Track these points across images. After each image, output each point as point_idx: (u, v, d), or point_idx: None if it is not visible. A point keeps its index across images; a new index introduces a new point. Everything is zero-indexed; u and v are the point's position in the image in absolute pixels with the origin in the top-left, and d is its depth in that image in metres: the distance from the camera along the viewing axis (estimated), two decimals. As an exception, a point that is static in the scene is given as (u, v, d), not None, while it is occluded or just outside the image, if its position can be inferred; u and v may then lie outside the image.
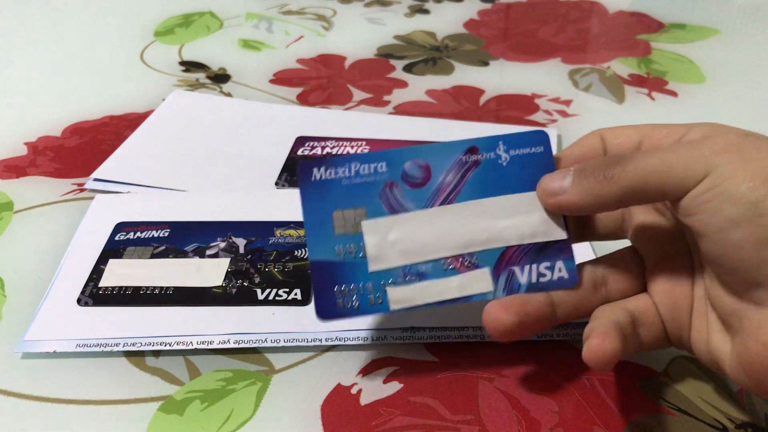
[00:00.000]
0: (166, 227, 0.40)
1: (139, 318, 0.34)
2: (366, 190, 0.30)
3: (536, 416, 0.30)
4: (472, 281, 0.30)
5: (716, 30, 0.70)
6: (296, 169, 0.36)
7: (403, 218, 0.30)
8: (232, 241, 0.39)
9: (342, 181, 0.30)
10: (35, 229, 0.41)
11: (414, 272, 0.29)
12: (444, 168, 0.30)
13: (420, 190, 0.30)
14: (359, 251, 0.29)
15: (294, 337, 0.33)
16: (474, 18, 0.74)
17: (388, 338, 0.33)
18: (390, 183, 0.30)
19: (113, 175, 0.45)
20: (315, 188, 0.30)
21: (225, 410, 0.30)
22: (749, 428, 0.29)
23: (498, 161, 0.30)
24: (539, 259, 0.30)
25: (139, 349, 0.32)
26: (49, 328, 0.33)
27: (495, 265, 0.30)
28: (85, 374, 0.32)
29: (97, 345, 0.32)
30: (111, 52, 0.65)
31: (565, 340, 0.33)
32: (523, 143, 0.30)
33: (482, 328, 0.33)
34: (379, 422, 0.29)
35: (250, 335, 0.33)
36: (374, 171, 0.30)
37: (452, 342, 0.33)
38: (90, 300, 0.35)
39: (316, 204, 0.30)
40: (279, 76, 0.60)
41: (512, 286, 0.30)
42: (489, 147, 0.30)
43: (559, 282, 0.29)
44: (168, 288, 0.35)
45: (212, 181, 0.45)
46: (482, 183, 0.30)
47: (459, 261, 0.30)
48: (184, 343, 0.32)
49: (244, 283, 0.36)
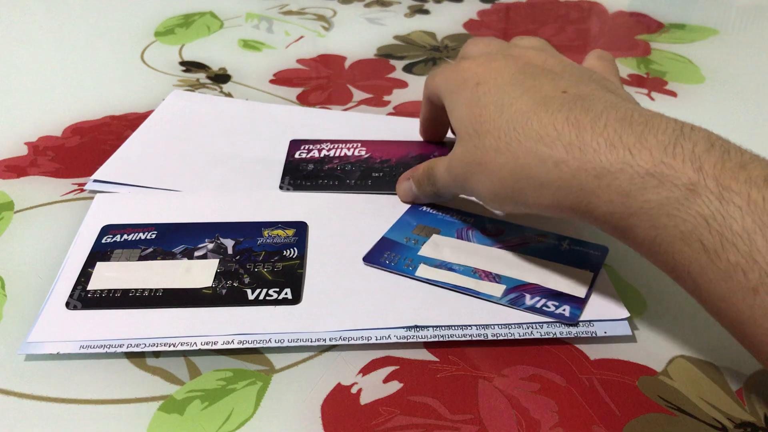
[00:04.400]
0: (153, 229, 0.39)
1: (141, 319, 0.33)
2: (448, 224, 0.40)
3: (536, 416, 0.30)
4: (487, 286, 0.35)
5: (716, 30, 0.70)
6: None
7: (462, 243, 0.39)
8: (220, 242, 0.38)
9: (437, 216, 0.41)
10: (36, 228, 0.41)
11: (447, 266, 0.37)
12: (517, 234, 0.39)
13: (490, 237, 0.39)
14: (419, 244, 0.39)
15: (298, 337, 0.33)
16: (474, 18, 0.74)
17: (392, 337, 0.33)
18: (469, 228, 0.40)
19: (113, 176, 0.45)
20: (416, 210, 0.42)
21: (225, 410, 0.30)
22: (749, 428, 0.29)
23: (559, 248, 0.38)
24: (552, 298, 0.34)
25: (142, 350, 0.32)
26: (53, 329, 0.33)
27: (513, 287, 0.35)
28: (84, 374, 0.32)
29: (100, 346, 0.32)
30: (111, 52, 0.65)
31: (565, 340, 0.33)
32: (584, 245, 0.38)
33: (486, 326, 0.33)
34: (379, 422, 0.29)
35: (254, 335, 0.33)
36: (463, 216, 0.41)
37: (453, 341, 0.33)
38: (79, 303, 0.34)
39: (412, 217, 0.41)
40: (279, 76, 0.60)
41: (516, 302, 0.34)
42: (557, 239, 0.39)
43: (558, 315, 0.33)
44: (157, 290, 0.35)
45: (211, 182, 0.45)
46: (539, 251, 0.38)
47: (485, 273, 0.36)
48: (188, 344, 0.32)
49: (234, 283, 0.35)
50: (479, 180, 0.33)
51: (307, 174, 0.44)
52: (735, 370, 0.32)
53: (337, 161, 0.45)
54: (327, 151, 0.47)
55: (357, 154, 0.46)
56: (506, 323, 0.33)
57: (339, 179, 0.44)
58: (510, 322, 0.33)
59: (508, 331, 0.33)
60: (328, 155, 0.46)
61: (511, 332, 0.33)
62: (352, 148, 0.47)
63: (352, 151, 0.47)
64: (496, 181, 0.32)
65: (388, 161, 0.45)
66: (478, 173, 0.33)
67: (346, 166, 0.45)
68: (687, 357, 0.33)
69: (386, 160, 0.45)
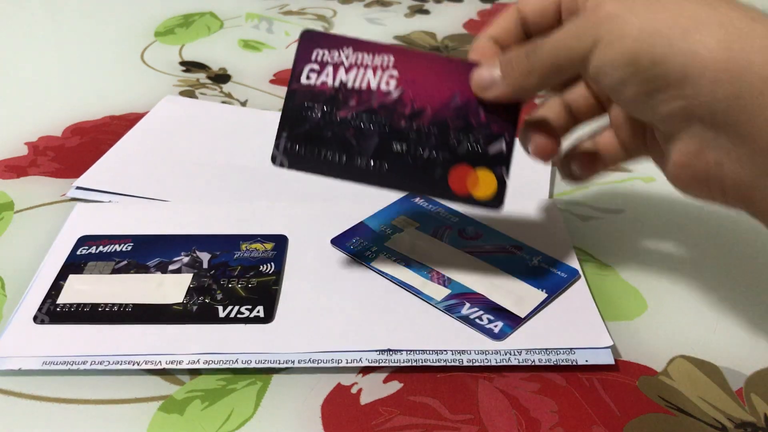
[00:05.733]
0: (130, 241, 0.38)
1: (108, 336, 0.33)
2: (430, 220, 0.40)
3: (536, 416, 0.30)
4: (433, 288, 0.35)
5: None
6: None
7: (433, 241, 0.38)
8: (196, 255, 0.37)
9: (425, 209, 0.40)
10: (36, 228, 0.41)
11: (404, 261, 0.37)
12: (492, 242, 0.38)
13: (465, 240, 0.38)
14: (391, 235, 0.39)
15: (266, 358, 0.32)
16: (474, 18, 0.74)
17: (363, 360, 0.32)
18: (448, 227, 0.39)
19: (96, 183, 0.44)
20: (408, 201, 0.41)
21: (225, 410, 0.30)
22: (749, 428, 0.29)
23: (527, 262, 0.37)
24: (490, 312, 0.34)
25: (106, 368, 0.31)
26: (18, 344, 0.32)
27: (456, 294, 0.35)
28: (85, 374, 0.31)
29: (63, 363, 0.31)
30: (111, 52, 0.65)
31: (546, 367, 0.33)
32: (554, 264, 0.37)
33: (462, 352, 0.32)
34: (379, 422, 0.29)
35: (220, 355, 0.32)
36: (448, 214, 0.40)
37: (426, 366, 0.32)
38: (46, 317, 0.33)
39: (400, 207, 0.41)
40: (279, 76, 0.60)
41: (453, 309, 0.34)
42: (529, 253, 0.38)
43: (487, 330, 0.33)
44: (127, 305, 0.34)
45: (197, 191, 0.44)
46: (504, 263, 0.37)
47: (438, 275, 0.36)
48: (153, 362, 0.31)
49: (206, 299, 0.35)
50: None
51: (310, 131, 0.33)
52: (735, 370, 0.32)
53: (354, 102, 0.33)
54: (346, 73, 0.33)
55: (384, 89, 0.33)
56: (483, 350, 0.32)
57: (348, 150, 0.33)
58: (487, 349, 0.32)
59: (485, 357, 0.32)
60: (346, 84, 0.33)
61: (487, 358, 0.32)
62: (381, 72, 0.33)
63: (379, 80, 0.33)
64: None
65: (421, 113, 0.33)
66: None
67: (362, 119, 0.33)
68: (687, 357, 0.33)
69: (419, 110, 0.33)
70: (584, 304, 0.35)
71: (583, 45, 0.28)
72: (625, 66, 0.27)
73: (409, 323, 0.33)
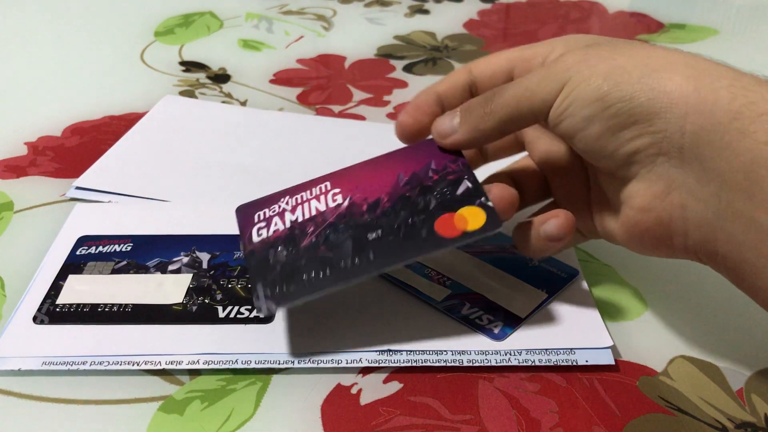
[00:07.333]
0: (129, 241, 0.38)
1: (107, 336, 0.32)
2: None
3: (536, 416, 0.30)
4: (433, 288, 0.35)
5: (716, 30, 0.70)
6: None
7: None
8: (195, 255, 0.37)
9: None
10: (35, 229, 0.41)
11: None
12: (492, 242, 0.38)
13: None
14: None
15: (265, 358, 0.32)
16: (474, 18, 0.74)
17: (363, 360, 0.32)
18: None
19: (96, 183, 0.44)
20: None
21: (225, 410, 0.30)
22: (749, 428, 0.29)
23: (527, 262, 0.37)
24: (490, 312, 0.34)
25: (105, 368, 0.31)
26: (17, 344, 0.32)
27: (457, 294, 0.35)
28: (84, 374, 0.31)
29: (63, 363, 0.31)
30: (111, 52, 0.65)
31: (546, 367, 0.33)
32: (554, 264, 0.37)
33: (462, 352, 0.32)
34: (379, 422, 0.29)
35: (219, 355, 0.32)
36: None
37: (426, 366, 0.31)
38: (46, 318, 0.33)
39: None
40: (279, 76, 0.60)
41: (453, 310, 0.34)
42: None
43: (487, 331, 0.33)
44: (126, 305, 0.34)
45: (197, 191, 0.44)
46: (504, 263, 0.37)
47: (437, 274, 0.36)
48: (152, 363, 0.31)
49: (206, 300, 0.35)
50: None
51: (283, 269, 0.31)
52: (735, 370, 0.32)
53: (312, 228, 0.33)
54: (292, 214, 0.34)
55: (333, 205, 0.33)
56: (483, 350, 0.32)
57: (329, 263, 0.31)
58: (487, 349, 0.32)
59: (485, 357, 0.32)
60: (296, 221, 0.33)
61: (487, 359, 0.32)
62: (324, 196, 0.34)
63: (325, 202, 0.34)
64: None
65: (378, 202, 0.33)
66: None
67: (326, 234, 0.32)
68: (687, 357, 0.33)
69: (375, 202, 0.33)
70: (584, 304, 0.35)
71: (548, 89, 0.29)
72: (593, 102, 0.28)
73: (409, 323, 0.33)
